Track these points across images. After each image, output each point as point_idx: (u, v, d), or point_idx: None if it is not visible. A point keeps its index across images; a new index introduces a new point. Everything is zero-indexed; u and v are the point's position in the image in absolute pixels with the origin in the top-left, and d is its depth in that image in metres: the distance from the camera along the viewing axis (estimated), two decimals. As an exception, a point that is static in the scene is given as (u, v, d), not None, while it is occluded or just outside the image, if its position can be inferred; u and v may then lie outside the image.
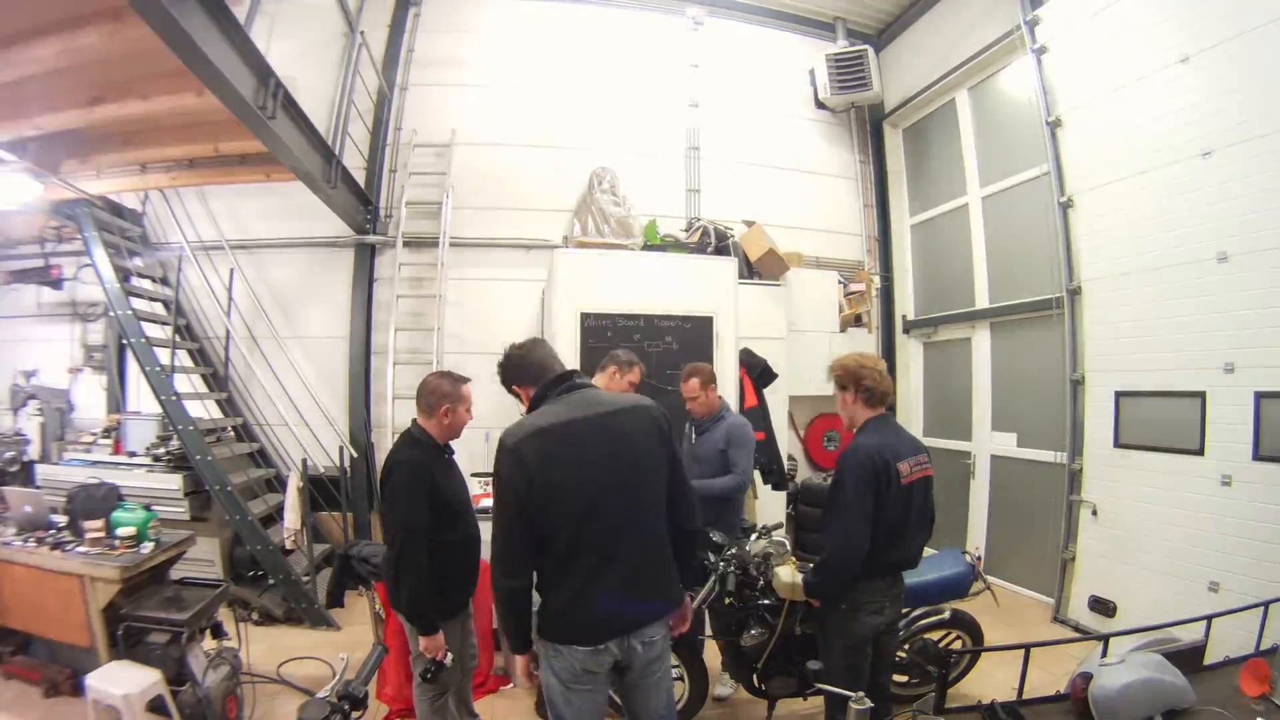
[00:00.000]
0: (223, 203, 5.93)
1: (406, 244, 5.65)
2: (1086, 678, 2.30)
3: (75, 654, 3.66)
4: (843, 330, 6.12)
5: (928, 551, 5.72)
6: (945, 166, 6.30)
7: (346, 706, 1.59)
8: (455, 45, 6.19)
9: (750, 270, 5.61)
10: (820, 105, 6.66)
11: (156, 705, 3.15)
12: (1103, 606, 4.37)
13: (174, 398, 4.88)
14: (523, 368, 2.21)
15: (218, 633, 3.51)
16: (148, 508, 3.87)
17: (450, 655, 2.63)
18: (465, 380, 2.93)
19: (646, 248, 5.38)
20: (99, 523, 3.60)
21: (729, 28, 6.62)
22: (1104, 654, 2.50)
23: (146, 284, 5.84)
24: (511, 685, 3.93)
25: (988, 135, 5.86)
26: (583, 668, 1.93)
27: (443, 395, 2.78)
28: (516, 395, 2.27)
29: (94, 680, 3.14)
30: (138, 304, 5.49)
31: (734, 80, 6.51)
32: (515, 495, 1.90)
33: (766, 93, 6.60)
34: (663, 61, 6.42)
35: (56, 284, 6.45)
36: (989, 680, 3.47)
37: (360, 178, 5.72)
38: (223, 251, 5.83)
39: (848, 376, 2.59)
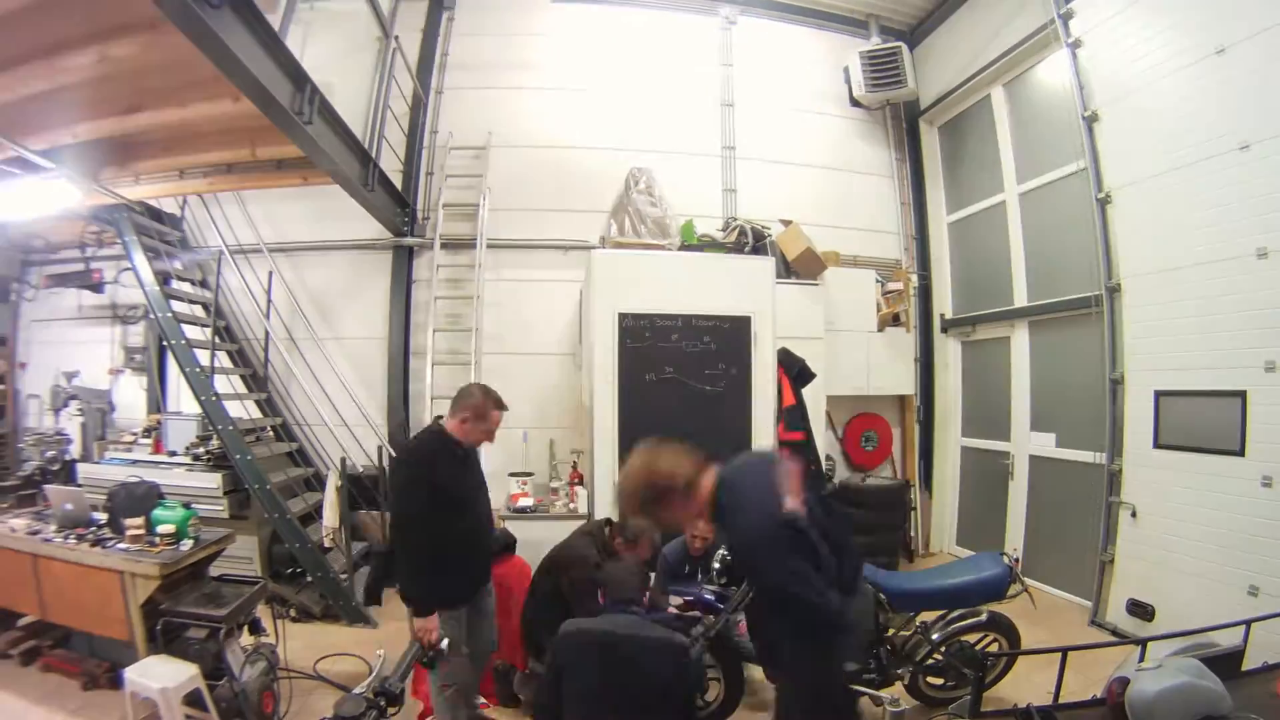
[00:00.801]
0: (261, 206, 6.07)
1: (444, 246, 5.76)
2: (1123, 682, 2.28)
3: (114, 648, 3.78)
4: (880, 329, 6.13)
5: (965, 553, 5.80)
6: (982, 163, 6.28)
7: (383, 702, 1.61)
8: (489, 49, 6.30)
9: (788, 269, 5.64)
10: (855, 103, 6.68)
11: (193, 699, 3.23)
12: (1141, 610, 4.33)
13: (214, 398, 5.00)
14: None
15: (255, 629, 3.59)
16: (187, 506, 3.97)
17: (448, 642, 2.70)
18: (500, 406, 2.94)
19: (684, 248, 5.43)
20: (139, 520, 3.69)
21: (761, 26, 6.66)
22: (1141, 658, 2.47)
23: (186, 287, 5.98)
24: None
25: (1024, 131, 5.84)
26: None
27: (468, 405, 2.85)
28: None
29: (132, 674, 3.22)
30: (177, 307, 5.62)
31: (768, 79, 6.55)
32: None
33: (801, 91, 6.63)
34: (696, 61, 6.49)
35: (97, 288, 6.64)
36: (1025, 684, 3.44)
37: (397, 181, 5.83)
38: (261, 254, 5.98)
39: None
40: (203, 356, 5.27)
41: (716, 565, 3.34)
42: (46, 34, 3.62)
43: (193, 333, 5.52)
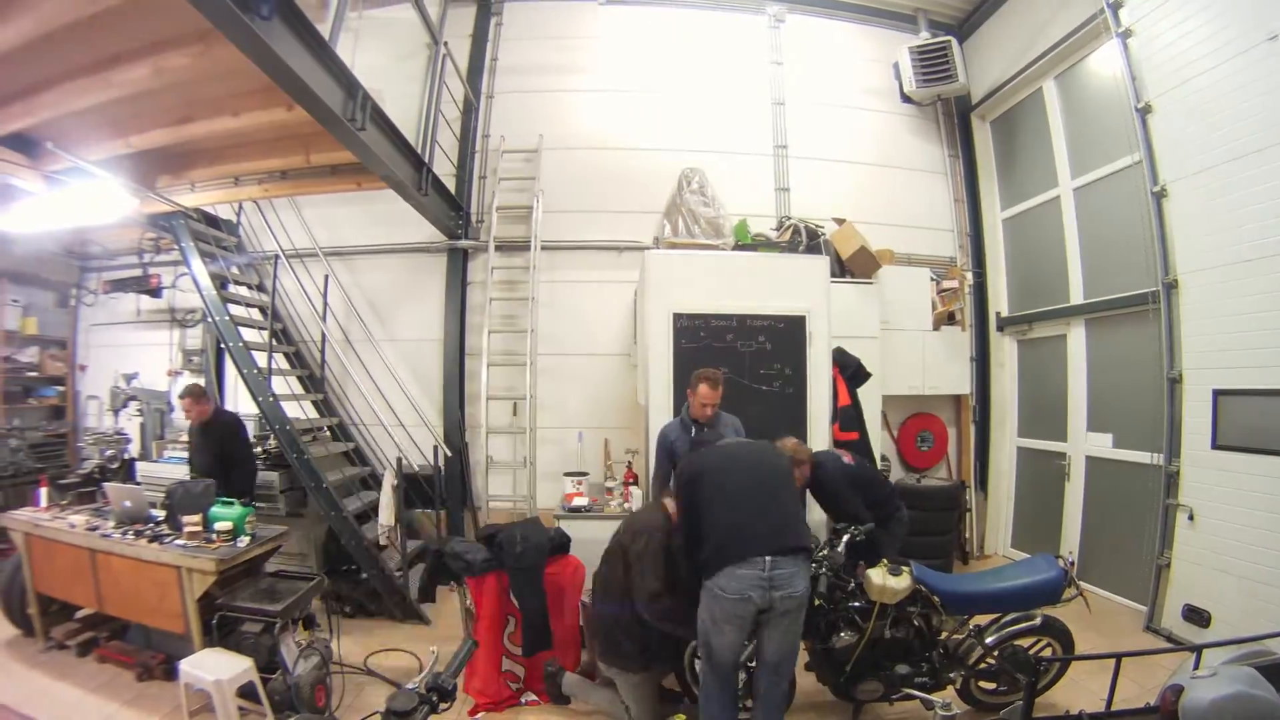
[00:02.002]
0: (316, 211, 6.28)
1: (498, 248, 5.89)
2: (1177, 690, 2.27)
3: (170, 641, 3.92)
4: (936, 328, 6.12)
5: (1020, 556, 5.78)
6: (1035, 158, 6.25)
7: (435, 698, 1.62)
8: (538, 52, 6.46)
9: (842, 268, 5.67)
10: (906, 99, 6.69)
11: (247, 691, 3.33)
12: (1197, 616, 4.28)
13: (271, 399, 5.16)
14: None
15: (310, 624, 3.71)
16: (245, 503, 4.12)
17: None
18: None
19: (737, 247, 5.48)
20: (197, 517, 3.85)
21: (809, 24, 6.73)
22: (1196, 666, 2.46)
23: (243, 290, 6.20)
24: (598, 681, 3.90)
25: (1077, 124, 5.81)
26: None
27: None
28: None
29: (187, 665, 3.34)
30: (235, 310, 5.81)
31: (818, 77, 6.61)
32: None
33: (851, 88, 6.67)
34: (745, 60, 6.56)
35: (155, 292, 6.90)
36: (1078, 690, 3.45)
37: (450, 184, 5.99)
38: (317, 258, 6.19)
39: None
40: (260, 358, 5.45)
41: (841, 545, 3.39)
42: (100, 48, 3.79)
43: (250, 335, 5.69)
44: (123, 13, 3.33)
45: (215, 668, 3.30)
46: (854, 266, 5.69)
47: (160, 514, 4.16)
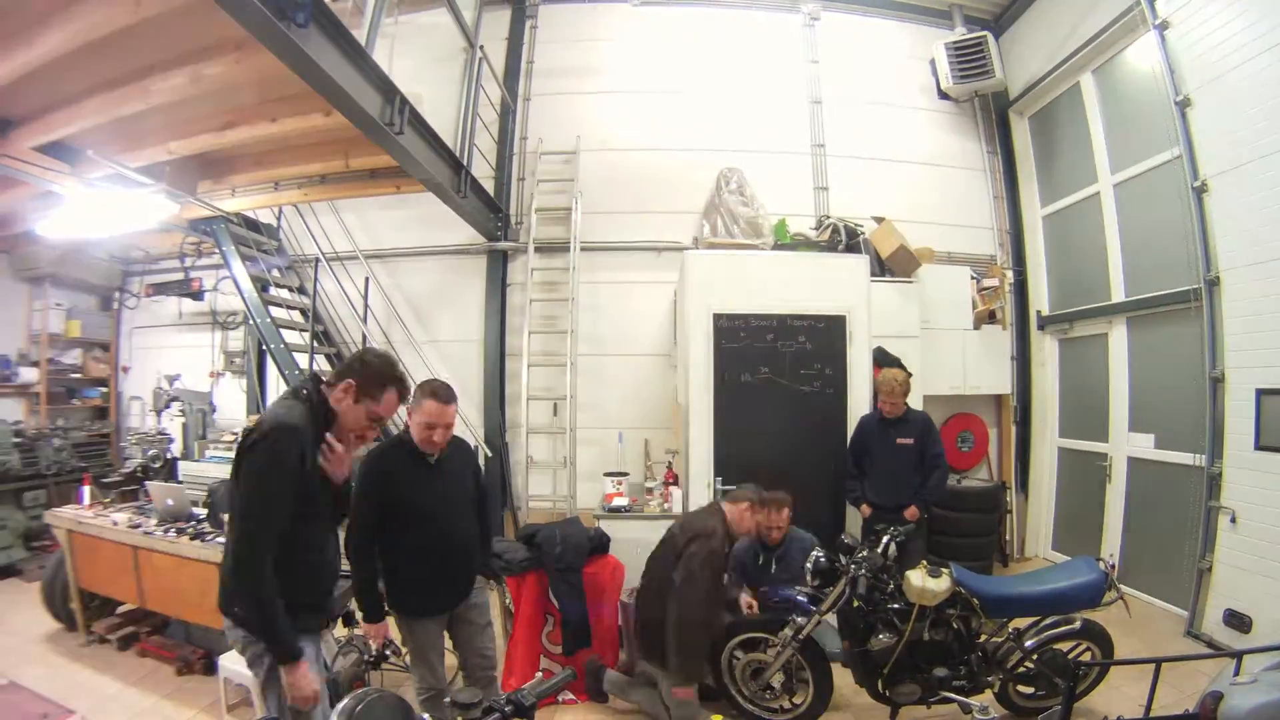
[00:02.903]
0: (355, 215, 6.42)
1: (538, 249, 5.98)
2: (1216, 697, 2.26)
3: (210, 636, 4.03)
4: (976, 327, 6.12)
5: (1061, 558, 5.75)
6: (1074, 154, 6.21)
7: (509, 709, 1.57)
8: (573, 55, 6.54)
9: (881, 267, 5.69)
10: (943, 95, 6.68)
11: None
12: (1238, 621, 4.21)
13: None
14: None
15: (349, 621, 3.63)
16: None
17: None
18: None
19: (777, 247, 5.54)
20: None
21: (844, 21, 6.74)
22: (1236, 672, 2.43)
23: (284, 293, 6.36)
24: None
25: (1116, 119, 5.76)
26: None
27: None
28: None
29: (227, 660, 3.43)
30: (276, 312, 5.97)
31: (854, 74, 6.62)
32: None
33: (888, 85, 6.67)
34: (781, 59, 6.59)
35: (197, 295, 7.10)
36: (1117, 695, 3.43)
37: (489, 187, 6.07)
38: (357, 261, 6.32)
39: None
40: (302, 359, 5.61)
41: (809, 566, 3.39)
42: (138, 58, 3.88)
43: (291, 337, 5.86)
44: (161, 23, 3.40)
45: None
46: (894, 265, 5.71)
47: (202, 512, 4.29)
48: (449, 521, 2.83)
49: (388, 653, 2.86)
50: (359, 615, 2.87)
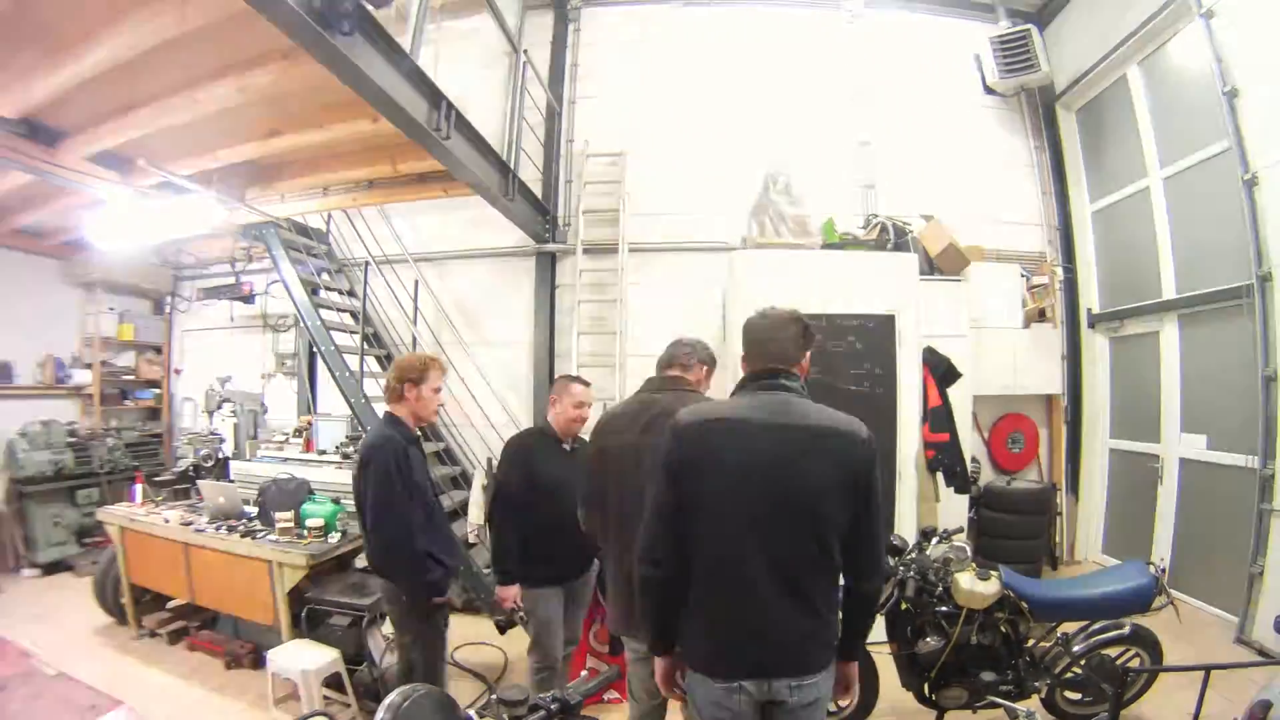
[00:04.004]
0: (404, 219, 6.57)
1: (586, 251, 6.08)
2: (1265, 706, 2.25)
3: (259, 631, 4.15)
4: (1026, 326, 6.10)
5: (1111, 562, 5.71)
6: (1122, 148, 6.13)
7: (555, 707, 1.56)
8: (616, 57, 6.63)
9: (930, 266, 5.66)
10: (989, 90, 6.65)
11: (333, 682, 3.51)
12: None
13: (363, 400, 5.42)
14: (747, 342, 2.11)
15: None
16: (337, 501, 4.30)
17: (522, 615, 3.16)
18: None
19: (825, 246, 5.54)
20: (289, 514, 4.05)
21: (886, 17, 6.73)
22: None
23: (334, 296, 6.49)
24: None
25: (1164, 111, 5.69)
26: (718, 703, 1.81)
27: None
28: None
29: (275, 655, 3.55)
30: (326, 315, 6.09)
31: (898, 71, 6.61)
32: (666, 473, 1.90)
33: (932, 81, 6.65)
34: (825, 57, 6.60)
35: (248, 299, 7.30)
36: (1165, 702, 3.39)
37: (537, 189, 6.18)
38: (406, 263, 6.46)
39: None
40: (352, 361, 5.73)
41: None
42: (186, 68, 4.00)
43: (341, 339, 5.99)
44: (207, 34, 3.52)
45: (303, 658, 3.48)
46: (943, 264, 5.69)
47: (253, 510, 4.41)
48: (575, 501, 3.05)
49: (515, 618, 3.18)
50: (495, 580, 3.26)
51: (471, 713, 1.45)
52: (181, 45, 3.62)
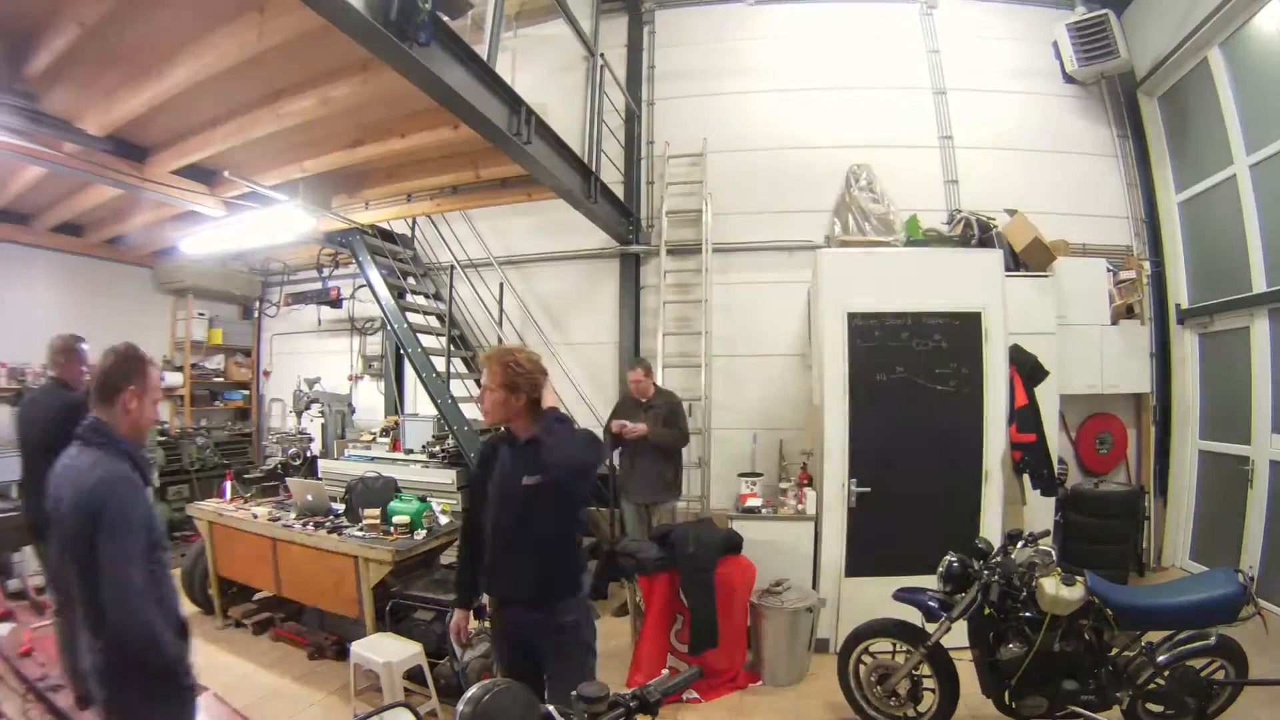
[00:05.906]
0: (488, 223, 6.78)
1: (670, 252, 6.21)
2: None
3: (342, 624, 4.31)
4: (1114, 322, 5.99)
5: (1198, 569, 5.61)
6: (1207, 134, 5.95)
7: (634, 704, 1.57)
8: (693, 57, 6.72)
9: (1015, 261, 5.66)
10: (1069, 79, 6.55)
11: (414, 675, 3.59)
12: None
13: (450, 401, 5.60)
14: None
15: (480, 615, 3.86)
16: (423, 499, 4.46)
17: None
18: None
19: (909, 243, 5.58)
20: (376, 511, 4.19)
21: (961, 7, 6.69)
22: None
23: (420, 300, 6.76)
24: (760, 683, 4.16)
25: (1248, 94, 5.52)
26: None
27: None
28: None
29: (358, 647, 3.64)
30: (412, 318, 6.32)
31: (976, 62, 6.57)
32: None
33: (1011, 71, 6.59)
34: (902, 51, 6.60)
35: (335, 303, 7.64)
36: (1246, 718, 3.27)
37: (618, 191, 6.31)
38: (491, 267, 6.69)
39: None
40: (439, 363, 5.91)
41: (941, 570, 3.37)
42: (267, 83, 4.20)
43: (428, 341, 6.21)
44: (286, 50, 3.62)
45: (386, 650, 3.58)
46: (1028, 259, 5.68)
47: (340, 507, 4.56)
48: None
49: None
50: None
51: (551, 708, 1.46)
52: (262, 61, 3.76)
